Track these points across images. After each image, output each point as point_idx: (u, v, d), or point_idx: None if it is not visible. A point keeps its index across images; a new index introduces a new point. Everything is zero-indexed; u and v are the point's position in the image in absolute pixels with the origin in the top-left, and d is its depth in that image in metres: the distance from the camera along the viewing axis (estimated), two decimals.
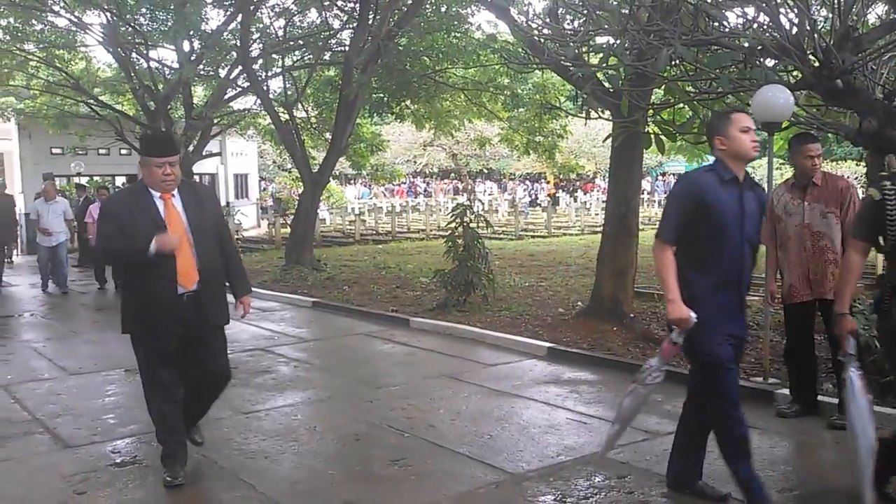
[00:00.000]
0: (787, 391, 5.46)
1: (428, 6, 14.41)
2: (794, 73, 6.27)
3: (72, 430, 5.32)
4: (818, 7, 7.05)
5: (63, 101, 18.40)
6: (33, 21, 16.31)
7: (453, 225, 9.86)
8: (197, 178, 25.48)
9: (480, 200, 30.15)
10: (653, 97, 8.06)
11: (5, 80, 18.14)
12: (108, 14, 15.55)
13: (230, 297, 4.43)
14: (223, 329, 4.34)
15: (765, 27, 5.97)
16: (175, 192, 4.17)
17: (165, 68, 17.49)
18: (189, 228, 4.13)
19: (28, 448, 5.00)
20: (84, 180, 20.29)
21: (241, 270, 4.53)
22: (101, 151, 20.26)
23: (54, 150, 21.55)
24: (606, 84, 7.50)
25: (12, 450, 4.96)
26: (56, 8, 16.04)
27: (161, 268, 4.02)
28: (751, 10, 6.30)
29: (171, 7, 14.36)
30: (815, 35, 5.50)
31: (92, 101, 17.67)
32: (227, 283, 4.42)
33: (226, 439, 5.07)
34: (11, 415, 5.74)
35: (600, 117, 8.56)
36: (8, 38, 16.13)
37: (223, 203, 24.70)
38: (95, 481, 4.37)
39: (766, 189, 5.97)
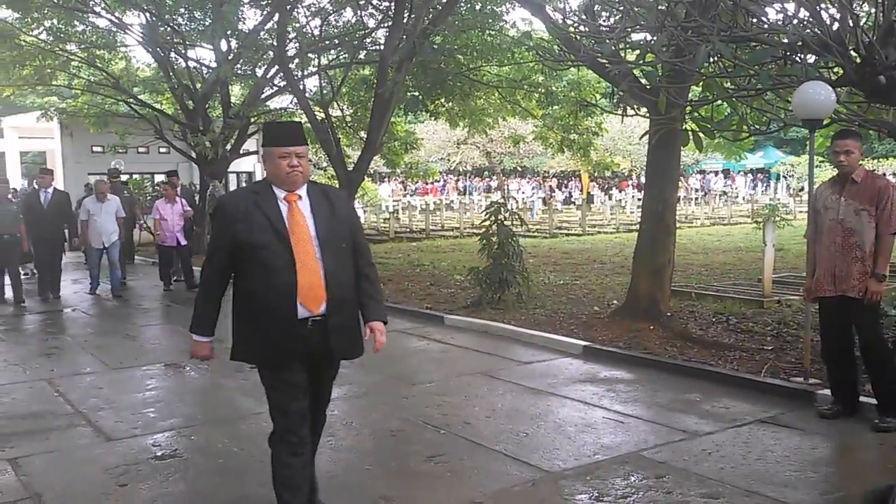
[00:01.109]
0: (828, 392, 5.38)
1: (463, 4, 14.41)
2: (836, 69, 6.17)
3: (113, 424, 5.42)
4: (860, 2, 6.93)
5: (104, 100, 18.72)
6: (75, 22, 16.66)
7: (487, 223, 9.86)
8: (234, 176, 25.78)
9: (514, 198, 30.11)
10: (690, 94, 7.98)
11: (48, 80, 18.56)
12: (148, 14, 15.81)
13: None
14: (337, 369, 3.65)
15: (805, 22, 5.87)
16: (303, 192, 3.46)
17: (203, 68, 17.73)
18: (316, 238, 3.38)
19: (71, 440, 5.11)
20: (123, 178, 20.64)
21: (376, 291, 3.65)
22: (141, 150, 20.58)
23: (95, 149, 21.93)
24: (643, 81, 7.45)
25: (56, 442, 5.08)
26: (97, 9, 16.34)
27: (278, 286, 3.29)
28: (791, 6, 6.21)
29: (209, 7, 14.54)
30: (858, 30, 5.40)
31: (132, 100, 17.96)
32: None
33: (263, 434, 5.07)
34: (55, 408, 5.87)
35: (637, 114, 8.50)
36: (51, 38, 16.46)
37: None
38: (136, 474, 4.45)
39: (808, 186, 5.89)
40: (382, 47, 14.26)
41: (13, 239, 10.68)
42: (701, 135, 6.99)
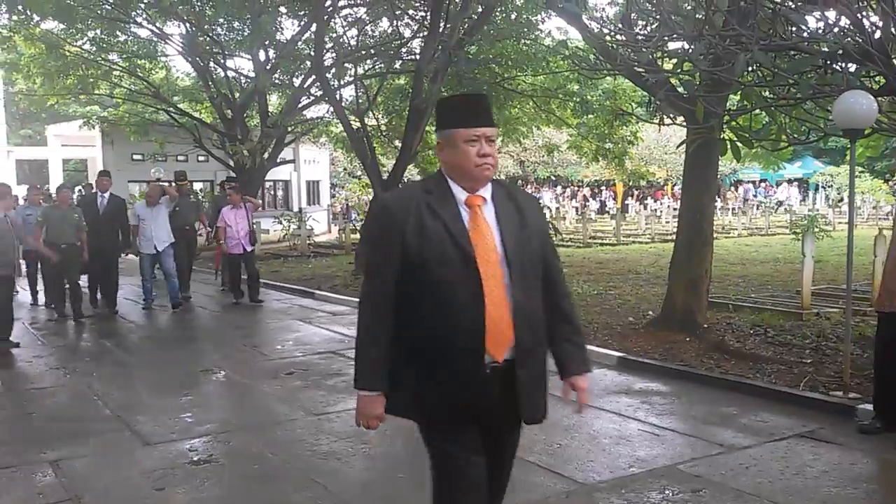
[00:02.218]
0: (869, 406, 5.27)
1: (498, 14, 14.45)
2: (878, 78, 6.08)
3: (151, 428, 5.50)
4: None
5: (144, 108, 19.09)
6: (117, 32, 17.03)
7: None
8: (270, 184, 26.01)
9: (548, 207, 30.01)
10: (728, 103, 7.91)
11: (91, 89, 18.99)
12: (188, 25, 16.09)
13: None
14: (519, 430, 2.69)
15: (846, 31, 5.79)
16: (487, 193, 2.57)
17: (242, 77, 17.99)
18: (504, 257, 2.50)
19: (110, 444, 5.19)
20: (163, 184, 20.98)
21: (576, 332, 2.73)
22: (180, 158, 20.93)
23: (135, 157, 22.36)
24: (681, 90, 7.40)
25: (96, 446, 5.16)
26: (139, 20, 16.68)
27: (460, 322, 2.44)
28: (832, 14, 6.13)
29: (248, 17, 14.76)
30: None
31: (171, 108, 18.29)
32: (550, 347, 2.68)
33: (298, 440, 5.17)
34: (95, 412, 5.98)
35: (674, 123, 8.44)
36: (94, 49, 16.83)
37: (295, 209, 25.18)
38: (173, 478, 4.51)
39: (850, 197, 5.81)
40: (418, 57, 14.36)
41: (73, 249, 9.85)
42: (739, 144, 6.92)
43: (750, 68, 6.30)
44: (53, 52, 16.57)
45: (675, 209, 24.13)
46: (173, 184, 12.19)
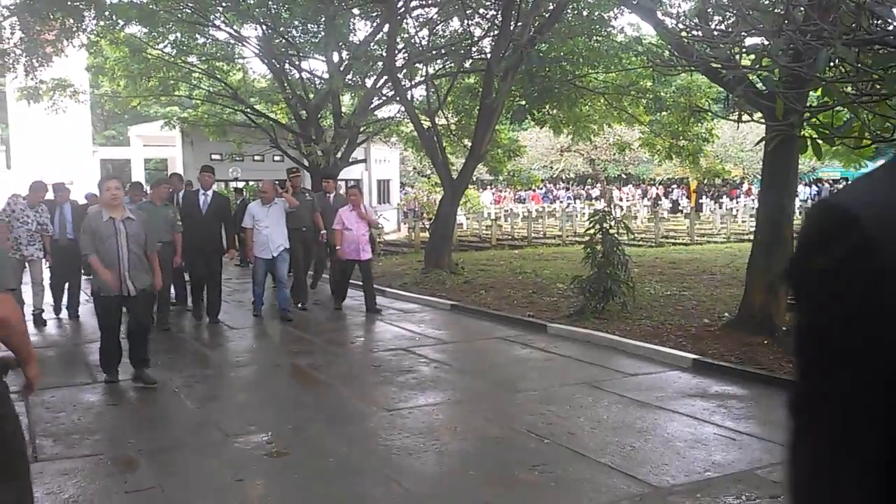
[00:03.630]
0: None
1: (569, 11, 14.34)
2: None
3: (230, 421, 5.66)
4: None
5: (222, 109, 19.60)
6: (197, 35, 17.53)
7: (592, 231, 9.74)
8: (343, 184, 26.41)
9: (619, 206, 29.67)
10: (808, 99, 7.68)
11: (171, 91, 19.60)
12: (264, 27, 16.45)
13: None
14: None
15: None
16: None
17: (316, 79, 18.31)
18: None
19: (192, 436, 5.38)
20: (240, 185, 21.55)
21: None
22: (256, 158, 21.45)
23: (213, 156, 22.98)
24: (759, 86, 7.23)
25: (180, 438, 5.36)
26: (217, 22, 17.14)
27: None
28: None
29: (322, 20, 15.00)
30: None
31: (248, 109, 18.73)
32: None
33: (372, 434, 5.26)
34: (177, 405, 6.20)
35: (752, 120, 8.25)
36: (174, 51, 17.38)
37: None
38: (252, 470, 4.64)
39: None
40: (489, 56, 14.37)
41: (167, 248, 8.85)
42: (819, 142, 6.71)
43: (832, 64, 6.10)
44: (136, 55, 17.16)
45: (752, 208, 23.54)
46: (286, 182, 11.39)
